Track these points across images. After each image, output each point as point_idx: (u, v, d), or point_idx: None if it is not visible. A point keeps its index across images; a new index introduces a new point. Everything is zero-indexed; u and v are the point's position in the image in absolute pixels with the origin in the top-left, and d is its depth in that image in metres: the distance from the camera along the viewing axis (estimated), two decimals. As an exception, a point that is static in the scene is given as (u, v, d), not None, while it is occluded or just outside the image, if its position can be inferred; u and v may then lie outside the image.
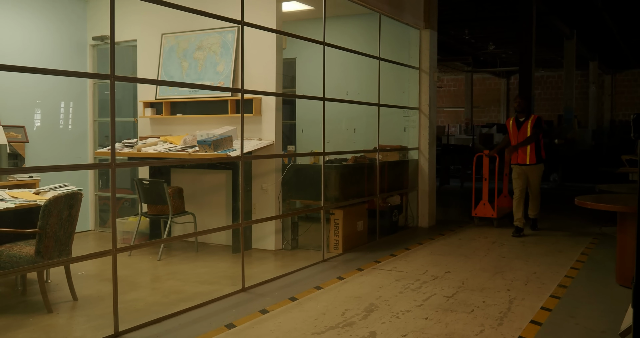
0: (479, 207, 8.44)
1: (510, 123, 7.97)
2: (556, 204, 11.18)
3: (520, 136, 7.78)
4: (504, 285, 5.26)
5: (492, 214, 8.34)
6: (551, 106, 22.11)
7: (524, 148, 7.72)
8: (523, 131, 7.76)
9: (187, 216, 6.71)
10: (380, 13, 7.20)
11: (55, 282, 5.22)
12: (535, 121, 7.75)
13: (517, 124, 7.86)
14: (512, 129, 7.92)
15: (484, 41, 17.11)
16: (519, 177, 7.86)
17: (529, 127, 7.72)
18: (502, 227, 8.33)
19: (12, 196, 4.96)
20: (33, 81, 7.12)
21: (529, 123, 7.74)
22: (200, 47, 6.95)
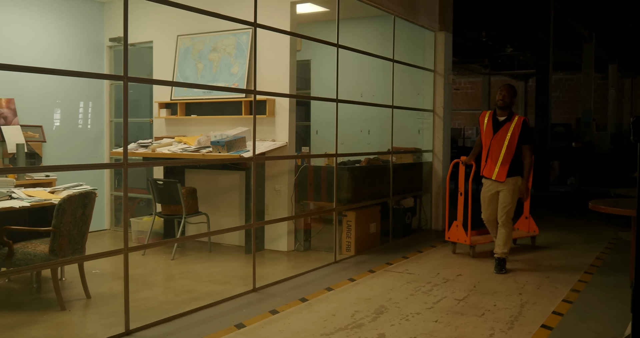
0: (452, 229, 6.71)
1: (485, 120, 6.04)
2: (572, 208, 11.09)
3: (496, 141, 5.88)
4: (516, 288, 5.24)
5: (465, 240, 6.56)
6: (569, 109, 21.91)
7: (494, 158, 5.89)
8: (501, 136, 5.86)
9: (200, 216, 6.75)
10: (394, 15, 7.20)
11: (70, 280, 5.28)
12: (523, 128, 5.84)
13: (493, 123, 5.94)
14: (487, 129, 5.99)
15: (502, 43, 17.03)
16: (486, 195, 6.04)
17: (511, 133, 5.81)
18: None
19: (28, 195, 5.04)
20: (53, 81, 7.21)
21: (511, 127, 5.83)
22: (215, 48, 7.00)
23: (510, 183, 5.85)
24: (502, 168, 5.85)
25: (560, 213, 10.43)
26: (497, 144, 5.87)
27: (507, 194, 5.87)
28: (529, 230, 7.27)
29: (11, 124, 6.78)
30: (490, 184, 5.98)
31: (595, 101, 18.66)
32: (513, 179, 5.86)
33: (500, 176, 5.86)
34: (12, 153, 6.56)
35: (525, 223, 7.33)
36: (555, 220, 9.60)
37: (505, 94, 5.86)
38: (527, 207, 7.25)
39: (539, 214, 10.21)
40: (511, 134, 5.81)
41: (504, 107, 5.87)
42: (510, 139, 5.81)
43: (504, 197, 5.88)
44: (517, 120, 5.87)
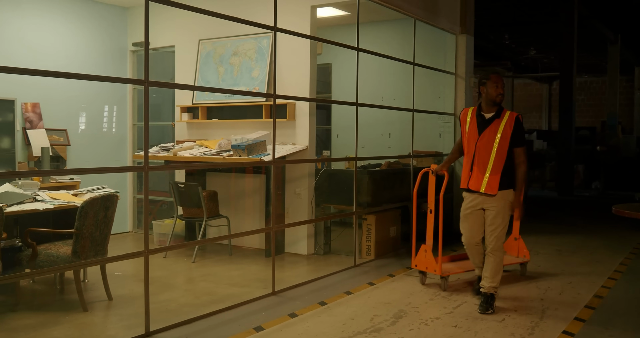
0: (419, 255, 5.45)
1: (468, 118, 4.82)
2: (596, 212, 10.94)
3: (483, 144, 4.65)
4: (538, 294, 5.18)
5: (434, 269, 5.31)
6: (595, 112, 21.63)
7: (482, 166, 4.66)
8: (489, 137, 4.63)
9: (221, 219, 6.79)
10: (415, 18, 7.18)
11: (92, 282, 5.35)
12: (516, 126, 4.63)
13: (478, 122, 4.72)
14: (470, 129, 4.76)
15: (525, 46, 16.89)
16: (469, 212, 4.81)
17: (501, 133, 4.60)
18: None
19: (52, 198, 5.12)
20: (78, 86, 7.33)
21: (501, 126, 4.61)
22: (236, 52, 7.05)
23: (501, 199, 4.63)
24: (492, 178, 4.62)
25: (584, 218, 10.30)
26: (485, 148, 4.63)
27: (497, 212, 4.66)
28: (518, 255, 5.98)
29: (36, 128, 6.91)
30: (475, 199, 4.75)
31: (621, 104, 18.40)
32: (505, 193, 4.64)
33: (491, 189, 4.62)
34: (37, 156, 6.68)
35: (514, 246, 6.01)
36: (579, 224, 9.49)
37: (503, 85, 4.70)
38: (516, 226, 6.00)
39: (563, 218, 10.14)
40: (502, 135, 4.59)
41: (499, 104, 4.69)
42: (501, 141, 4.59)
43: (493, 217, 4.67)
44: (509, 117, 4.64)
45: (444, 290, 5.23)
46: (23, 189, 5.25)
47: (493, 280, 4.70)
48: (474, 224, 4.81)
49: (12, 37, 6.74)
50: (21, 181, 5.44)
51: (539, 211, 11.44)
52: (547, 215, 10.77)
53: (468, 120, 4.80)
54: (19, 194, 4.95)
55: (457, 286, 5.40)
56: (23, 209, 4.65)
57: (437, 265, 5.28)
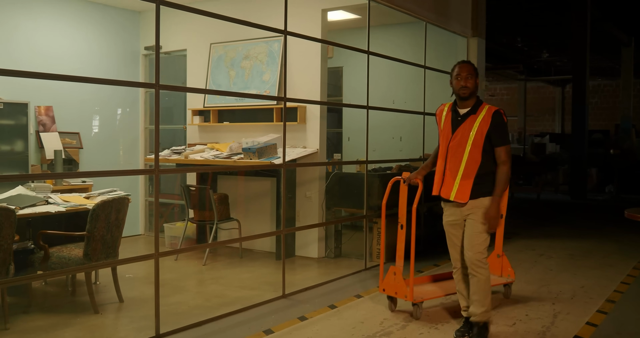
0: (388, 277, 4.66)
1: (443, 116, 4.19)
2: (610, 216, 10.85)
3: (455, 144, 4.03)
4: (549, 298, 5.14)
5: (405, 295, 4.50)
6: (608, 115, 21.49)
7: (453, 170, 4.03)
8: (462, 136, 4.00)
9: (232, 222, 6.81)
10: (426, 21, 7.17)
11: (103, 284, 5.39)
12: (494, 122, 3.93)
13: (452, 119, 4.09)
14: (444, 126, 4.15)
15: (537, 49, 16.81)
16: (451, 224, 4.16)
17: (476, 130, 3.94)
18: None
19: (64, 200, 5.16)
20: (91, 89, 7.37)
21: (476, 122, 3.95)
22: (248, 56, 7.08)
23: (480, 208, 3.98)
24: (463, 184, 3.98)
25: (597, 222, 10.22)
26: (457, 148, 4.01)
27: (475, 222, 3.99)
28: (502, 274, 5.15)
29: (50, 131, 6.96)
30: (452, 210, 4.11)
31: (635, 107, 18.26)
32: (484, 201, 3.98)
33: (462, 196, 3.98)
34: (50, 159, 6.73)
35: (497, 264, 5.15)
36: (592, 228, 9.41)
37: (466, 76, 3.97)
38: (499, 241, 5.17)
39: (575, 222, 10.06)
40: (476, 132, 3.93)
41: (467, 97, 4.00)
42: (475, 140, 3.94)
43: (470, 229, 4.01)
44: (486, 112, 3.95)
45: (417, 318, 4.48)
46: (35, 191, 5.29)
47: (483, 304, 4.00)
48: (456, 240, 4.17)
49: (26, 42, 6.81)
50: (34, 184, 5.49)
51: (551, 214, 11.37)
52: (559, 218, 10.70)
53: (443, 117, 4.19)
54: (32, 196, 4.99)
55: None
56: (35, 212, 4.68)
57: (409, 290, 4.45)
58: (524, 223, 9.81)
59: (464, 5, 8.05)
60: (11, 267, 4.11)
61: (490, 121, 3.93)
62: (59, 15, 7.19)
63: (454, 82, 4.05)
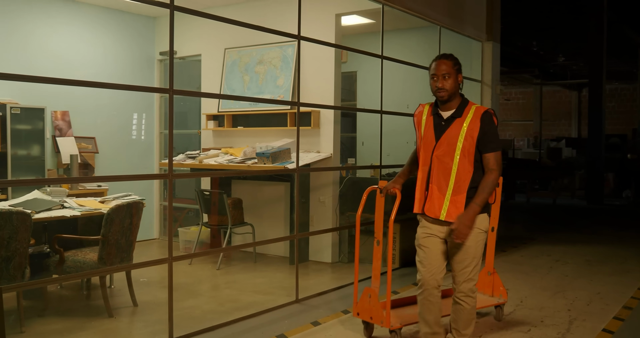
0: (362, 299, 4.13)
1: (423, 119, 3.65)
2: (627, 221, 10.73)
3: (441, 153, 3.48)
4: (565, 304, 5.09)
5: (381, 320, 3.96)
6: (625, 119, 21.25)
7: (441, 184, 3.49)
8: (449, 143, 3.45)
9: (246, 226, 6.82)
10: (440, 26, 7.15)
11: (118, 288, 5.42)
12: (483, 125, 3.38)
13: (435, 123, 3.56)
14: (426, 132, 3.60)
15: (553, 53, 16.70)
16: (425, 239, 3.63)
17: (464, 136, 3.39)
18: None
19: (79, 204, 5.20)
20: (107, 94, 7.44)
21: (464, 127, 3.41)
22: (261, 61, 7.10)
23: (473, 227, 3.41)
24: (456, 200, 3.43)
25: (614, 227, 10.11)
26: (444, 158, 3.45)
27: (467, 246, 3.47)
28: (493, 294, 4.61)
29: (66, 136, 7.03)
30: (434, 226, 3.56)
31: (654, 111, 18.07)
32: (479, 219, 3.42)
33: (452, 215, 3.44)
34: (66, 163, 6.80)
35: (488, 282, 4.63)
36: (609, 233, 9.31)
37: (443, 75, 3.45)
38: (490, 257, 4.66)
39: (592, 227, 9.96)
40: (465, 139, 3.38)
41: (449, 99, 3.48)
42: (465, 148, 3.39)
43: (462, 251, 3.50)
44: (474, 113, 3.41)
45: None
46: (51, 196, 5.34)
47: (464, 334, 3.63)
48: (433, 256, 3.56)
49: (43, 47, 6.89)
50: (50, 188, 5.54)
51: (567, 220, 11.28)
52: (576, 224, 10.61)
53: (423, 121, 3.62)
54: (47, 201, 5.03)
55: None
56: (51, 216, 4.72)
57: (386, 315, 3.92)
58: (539, 228, 9.74)
59: (478, 9, 8.03)
60: (27, 271, 4.15)
61: (480, 124, 3.37)
62: (75, 21, 7.26)
63: (430, 82, 3.54)
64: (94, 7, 7.41)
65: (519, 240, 8.45)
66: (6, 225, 3.94)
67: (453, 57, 3.54)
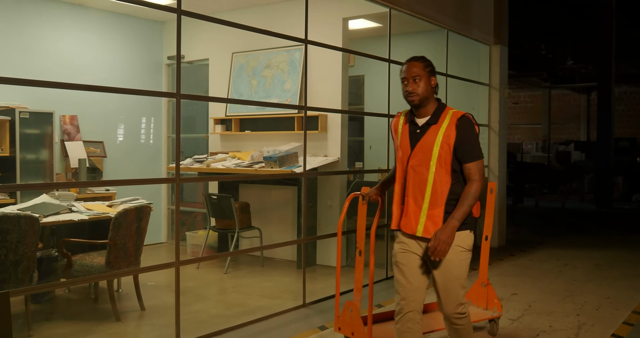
0: (344, 314, 3.95)
1: (399, 128, 3.28)
2: (636, 225, 10.66)
3: (417, 163, 3.12)
4: (574, 309, 5.06)
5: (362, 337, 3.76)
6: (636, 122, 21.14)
7: (417, 197, 3.11)
8: (424, 153, 3.10)
9: (253, 230, 6.82)
10: (447, 29, 7.14)
11: (125, 292, 5.43)
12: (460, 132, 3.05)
13: (411, 131, 3.20)
14: (402, 141, 3.24)
15: (562, 56, 16.65)
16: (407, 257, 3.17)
17: (439, 143, 3.06)
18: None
19: (87, 208, 5.21)
20: (115, 99, 7.46)
21: (439, 134, 3.08)
22: (269, 65, 7.11)
23: (454, 245, 3.03)
24: (433, 214, 3.06)
25: (623, 231, 10.05)
26: (419, 168, 3.11)
27: (449, 267, 3.07)
28: (487, 307, 4.36)
29: (74, 140, 7.06)
30: (411, 242, 3.16)
31: (663, 114, 17.98)
32: (461, 235, 3.04)
33: (429, 231, 3.06)
34: (75, 167, 6.82)
35: (482, 294, 4.38)
36: (618, 237, 9.25)
37: (413, 78, 3.14)
38: (484, 267, 4.36)
39: (601, 232, 9.90)
40: (441, 147, 3.05)
41: (421, 104, 3.15)
42: (441, 157, 3.06)
43: (445, 274, 3.08)
44: (450, 118, 3.08)
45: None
46: (60, 200, 5.36)
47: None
48: (412, 275, 3.15)
49: (52, 52, 6.92)
50: (58, 192, 5.56)
51: (576, 224, 11.21)
52: (585, 227, 10.55)
53: (399, 130, 3.28)
54: (55, 205, 5.05)
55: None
56: (59, 220, 4.74)
57: (367, 330, 3.67)
58: (548, 233, 9.69)
59: (486, 12, 8.01)
60: (35, 274, 4.16)
61: (456, 131, 3.04)
62: (84, 26, 7.30)
63: (401, 87, 3.22)
64: (102, 11, 7.44)
65: (528, 244, 8.41)
66: (14, 228, 3.96)
67: (424, 59, 3.24)
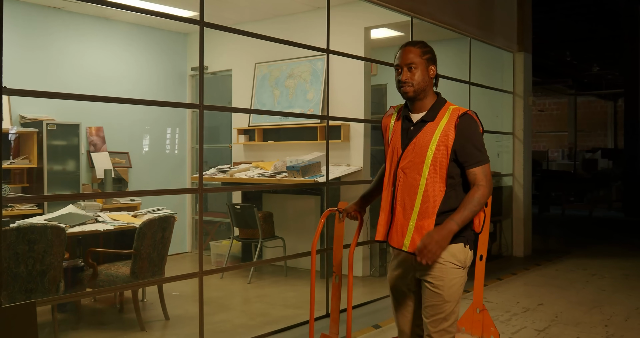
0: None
1: (391, 124, 2.88)
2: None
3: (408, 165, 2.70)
4: (602, 320, 4.97)
5: None
6: (664, 129, 20.79)
7: (406, 205, 2.70)
8: (417, 153, 2.67)
9: (276, 240, 6.83)
10: (470, 37, 7.11)
11: (150, 301, 5.46)
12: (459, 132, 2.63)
13: (403, 129, 2.78)
14: (393, 140, 2.81)
15: (587, 62, 16.45)
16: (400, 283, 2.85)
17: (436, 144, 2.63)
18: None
19: (112, 219, 5.27)
20: (141, 110, 7.57)
21: (437, 133, 2.65)
22: (291, 75, 7.15)
23: (444, 261, 2.64)
24: (421, 226, 2.64)
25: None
26: (410, 172, 2.69)
27: (439, 287, 2.64)
28: (482, 335, 3.77)
29: (100, 151, 7.16)
30: (402, 261, 2.82)
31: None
32: (452, 250, 2.63)
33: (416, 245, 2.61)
34: (101, 178, 6.91)
35: (476, 321, 3.79)
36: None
37: (408, 66, 2.72)
38: (479, 291, 3.78)
39: (630, 240, 9.72)
40: (437, 148, 2.63)
41: (416, 97, 2.75)
42: (436, 159, 2.63)
43: (431, 293, 2.66)
44: (450, 116, 2.67)
45: None
46: (85, 210, 5.43)
47: None
48: (407, 303, 2.84)
49: (77, 65, 7.04)
50: (84, 203, 5.64)
51: (604, 232, 11.03)
52: (613, 236, 10.37)
53: (391, 126, 2.87)
54: (81, 215, 5.12)
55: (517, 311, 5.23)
56: (85, 230, 4.80)
57: None
58: (575, 242, 9.54)
59: (509, 20, 7.97)
60: (61, 284, 4.21)
61: (456, 130, 2.62)
62: (109, 39, 7.42)
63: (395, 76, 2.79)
64: (126, 24, 7.56)
65: (554, 254, 8.29)
66: (41, 239, 4.02)
67: (423, 44, 2.79)
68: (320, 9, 6.55)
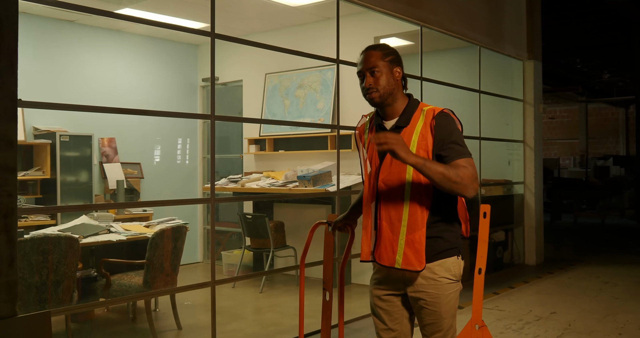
0: None
1: (365, 135, 2.69)
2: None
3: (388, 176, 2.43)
4: (615, 328, 4.93)
5: None
6: (676, 135, 20.66)
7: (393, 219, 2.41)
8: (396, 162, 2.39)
9: (288, 249, 6.85)
10: (479, 46, 7.13)
11: (163, 311, 5.49)
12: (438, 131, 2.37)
13: None
14: (370, 149, 2.62)
15: (598, 69, 16.40)
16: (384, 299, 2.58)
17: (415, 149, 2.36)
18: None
19: (125, 229, 5.31)
20: (152, 120, 7.63)
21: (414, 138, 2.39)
22: (302, 85, 7.19)
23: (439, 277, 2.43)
24: (412, 239, 2.38)
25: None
26: (392, 182, 2.45)
27: (436, 306, 2.43)
28: None
29: (112, 162, 7.22)
30: (388, 277, 2.55)
31: None
32: (446, 264, 2.44)
33: (414, 260, 2.37)
34: (113, 189, 6.97)
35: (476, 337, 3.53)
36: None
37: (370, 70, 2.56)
38: (478, 306, 3.56)
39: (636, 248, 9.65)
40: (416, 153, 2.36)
41: (384, 102, 2.53)
42: None
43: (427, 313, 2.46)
44: (425, 118, 2.44)
45: None
46: (98, 221, 5.48)
47: None
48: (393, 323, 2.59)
49: (90, 76, 7.12)
50: (97, 213, 5.68)
51: (617, 240, 10.95)
52: (626, 244, 10.29)
53: (366, 136, 2.69)
54: (94, 225, 5.16)
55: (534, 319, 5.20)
56: (98, 241, 4.84)
57: None
58: (587, 249, 9.48)
59: (518, 27, 7.97)
60: (75, 294, 4.25)
61: (433, 132, 2.38)
62: (120, 50, 7.50)
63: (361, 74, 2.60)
64: (137, 36, 7.64)
65: (567, 262, 8.25)
66: (55, 249, 4.06)
67: (384, 46, 2.58)
68: (330, 20, 6.60)
